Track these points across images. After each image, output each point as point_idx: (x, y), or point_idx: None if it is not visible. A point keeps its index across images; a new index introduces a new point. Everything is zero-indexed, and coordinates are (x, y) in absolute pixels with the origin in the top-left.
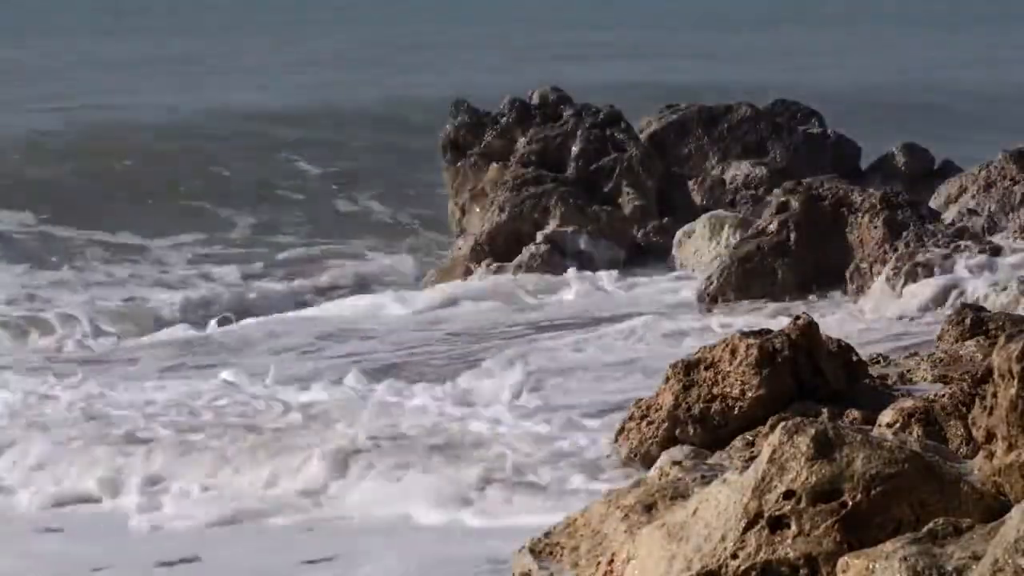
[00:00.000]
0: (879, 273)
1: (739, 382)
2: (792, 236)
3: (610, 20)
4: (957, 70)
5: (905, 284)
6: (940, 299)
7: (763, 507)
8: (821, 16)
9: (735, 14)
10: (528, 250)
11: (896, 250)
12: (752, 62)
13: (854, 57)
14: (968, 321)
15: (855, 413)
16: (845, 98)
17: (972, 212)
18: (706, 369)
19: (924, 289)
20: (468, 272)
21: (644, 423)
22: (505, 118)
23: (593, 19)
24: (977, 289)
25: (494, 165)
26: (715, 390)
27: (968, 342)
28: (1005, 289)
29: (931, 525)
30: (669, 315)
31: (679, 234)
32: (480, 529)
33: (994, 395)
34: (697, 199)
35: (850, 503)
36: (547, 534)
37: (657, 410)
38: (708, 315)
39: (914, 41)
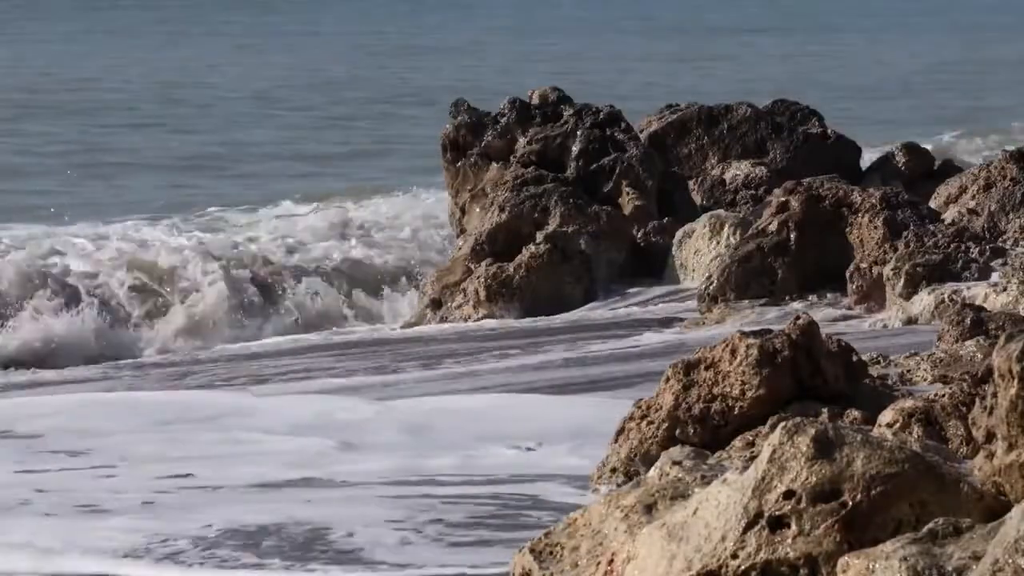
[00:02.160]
0: (879, 273)
1: (739, 382)
2: (792, 236)
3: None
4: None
5: (905, 284)
6: (940, 301)
7: (763, 507)
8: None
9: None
10: (528, 250)
11: (896, 250)
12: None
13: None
14: (968, 321)
15: (855, 413)
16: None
17: (972, 212)
18: (706, 369)
19: (925, 293)
20: (468, 272)
21: (644, 423)
22: (505, 118)
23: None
24: (977, 289)
25: (494, 165)
26: (715, 390)
27: (968, 342)
28: (1005, 289)
29: (931, 525)
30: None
31: (679, 234)
32: None
33: (994, 395)
34: (697, 199)
35: (850, 503)
36: (547, 534)
37: (657, 410)
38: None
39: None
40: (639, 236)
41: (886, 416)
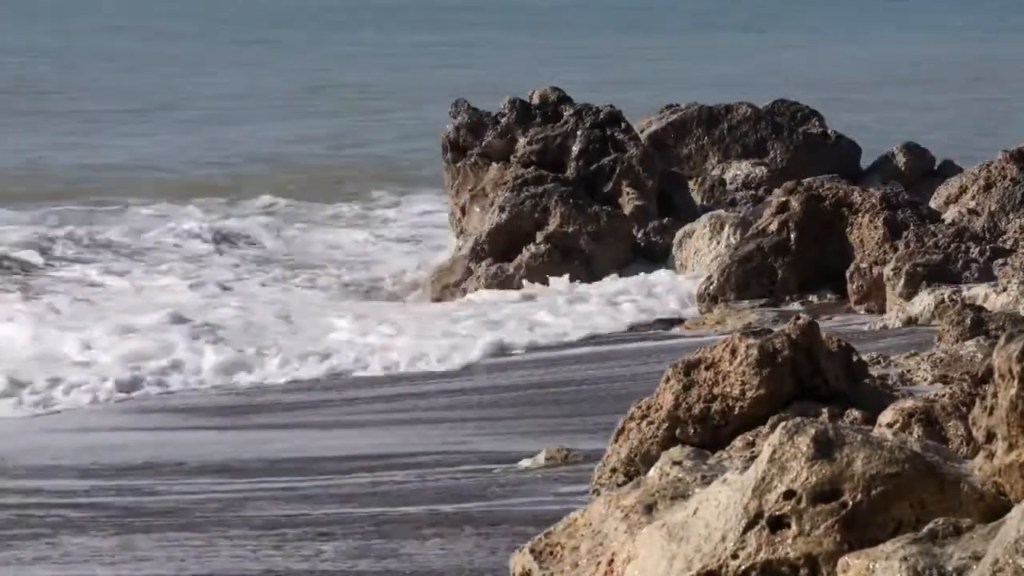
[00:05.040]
0: (879, 273)
1: (739, 382)
2: (792, 236)
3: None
4: None
5: (905, 284)
6: (940, 301)
7: (763, 507)
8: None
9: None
10: (528, 250)
11: (896, 250)
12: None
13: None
14: (968, 321)
15: (855, 413)
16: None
17: (972, 212)
18: (706, 369)
19: (925, 293)
20: (468, 272)
21: (644, 423)
22: (505, 118)
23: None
24: (977, 289)
25: (494, 165)
26: (715, 390)
27: (968, 342)
28: (1005, 289)
29: (931, 525)
30: None
31: (679, 234)
32: None
33: (994, 395)
34: (697, 199)
35: (850, 503)
36: (547, 534)
37: (657, 410)
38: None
39: None
40: (639, 236)
41: (886, 416)
